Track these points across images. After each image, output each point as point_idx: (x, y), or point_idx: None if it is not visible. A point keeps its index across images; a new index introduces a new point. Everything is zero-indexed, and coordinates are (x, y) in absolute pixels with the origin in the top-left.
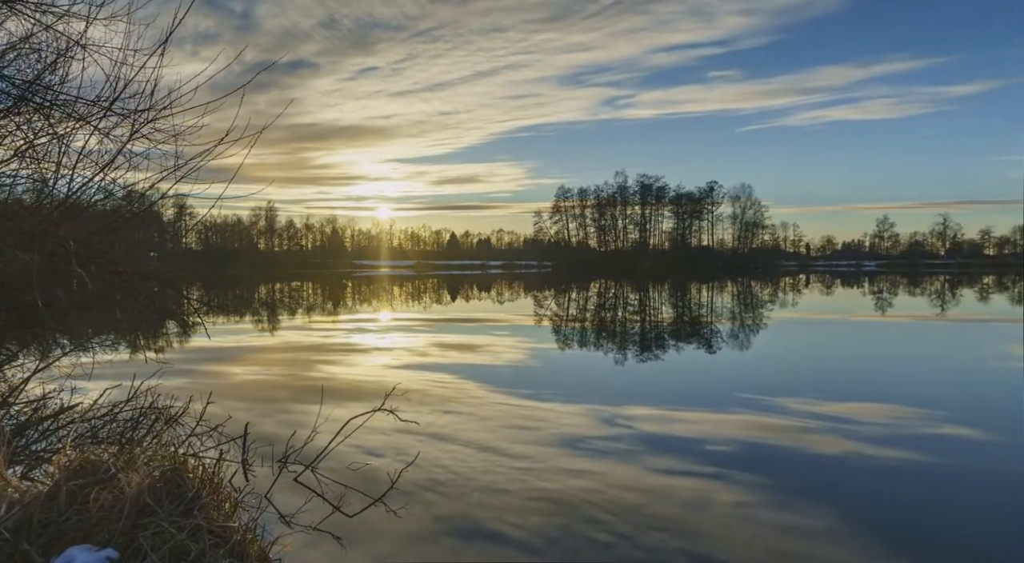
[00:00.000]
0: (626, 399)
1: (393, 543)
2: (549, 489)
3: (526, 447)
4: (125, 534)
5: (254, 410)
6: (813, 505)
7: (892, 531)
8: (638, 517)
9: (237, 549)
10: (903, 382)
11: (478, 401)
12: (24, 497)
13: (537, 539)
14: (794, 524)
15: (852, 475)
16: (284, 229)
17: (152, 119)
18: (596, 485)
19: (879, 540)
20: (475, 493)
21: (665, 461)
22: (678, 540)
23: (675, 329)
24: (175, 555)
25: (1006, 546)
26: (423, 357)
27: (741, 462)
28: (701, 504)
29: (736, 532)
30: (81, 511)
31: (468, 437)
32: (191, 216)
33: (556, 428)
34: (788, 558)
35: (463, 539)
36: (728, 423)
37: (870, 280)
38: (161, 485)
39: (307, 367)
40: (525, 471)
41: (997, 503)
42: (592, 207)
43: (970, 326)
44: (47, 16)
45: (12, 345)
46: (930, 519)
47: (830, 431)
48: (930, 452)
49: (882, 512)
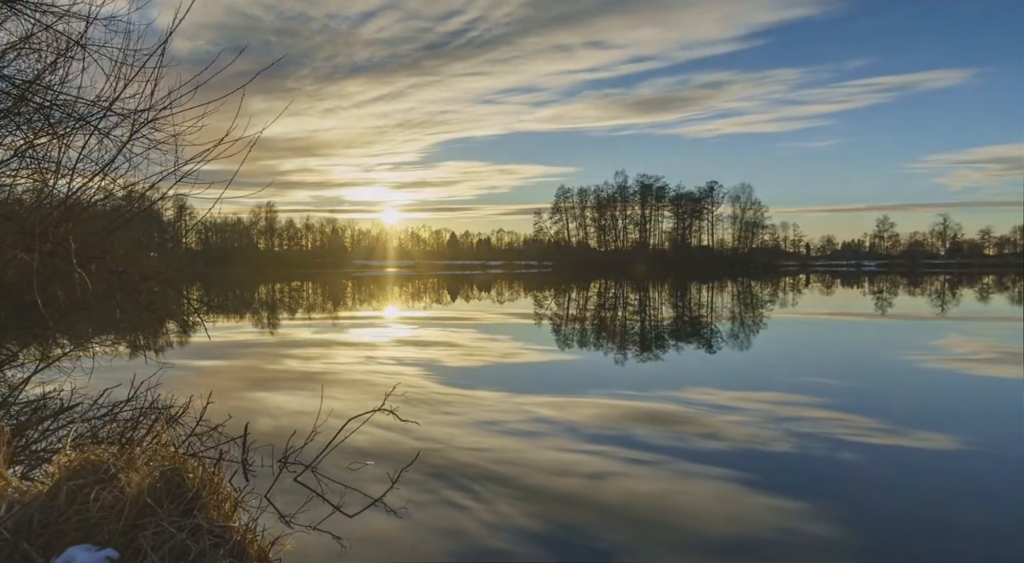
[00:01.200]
0: (624, 395)
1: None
2: (546, 487)
3: (527, 447)
4: (125, 534)
5: (254, 410)
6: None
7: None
8: (655, 515)
9: (237, 549)
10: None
11: (478, 401)
12: (24, 497)
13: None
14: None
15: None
16: (284, 229)
17: (152, 119)
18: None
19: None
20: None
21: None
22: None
23: (674, 329)
24: (175, 555)
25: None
26: (424, 357)
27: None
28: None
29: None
30: (81, 511)
31: (469, 436)
32: (191, 216)
33: (557, 427)
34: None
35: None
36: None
37: (870, 280)
38: (161, 485)
39: (307, 367)
40: (524, 469)
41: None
42: (592, 207)
43: (975, 325)
44: (47, 16)
45: (12, 345)
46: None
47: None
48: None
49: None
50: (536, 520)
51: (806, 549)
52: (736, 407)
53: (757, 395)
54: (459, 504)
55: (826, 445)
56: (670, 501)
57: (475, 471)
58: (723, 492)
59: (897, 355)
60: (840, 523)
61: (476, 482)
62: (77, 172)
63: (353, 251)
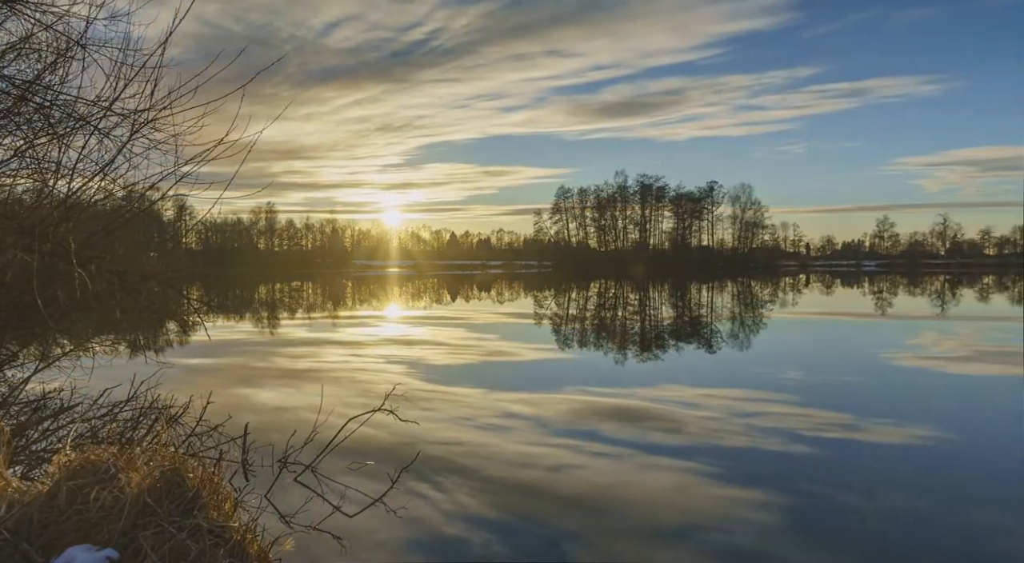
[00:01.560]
0: (623, 394)
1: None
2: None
3: (526, 446)
4: (125, 534)
5: (254, 410)
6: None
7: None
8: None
9: (237, 549)
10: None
11: (479, 401)
12: (24, 497)
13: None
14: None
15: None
16: (284, 229)
17: (152, 119)
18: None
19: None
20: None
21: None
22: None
23: (675, 329)
24: (175, 555)
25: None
26: (424, 357)
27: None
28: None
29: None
30: (81, 511)
31: (469, 437)
32: (191, 216)
33: (554, 427)
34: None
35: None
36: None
37: (870, 280)
38: (161, 485)
39: (307, 366)
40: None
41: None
42: (592, 207)
43: (979, 324)
44: (47, 16)
45: (12, 345)
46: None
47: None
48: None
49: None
50: (493, 509)
51: (745, 534)
52: (703, 404)
53: (727, 392)
54: (423, 494)
55: (782, 439)
56: (624, 492)
57: (442, 464)
58: (677, 482)
59: (880, 355)
60: (782, 511)
61: (440, 473)
62: (77, 172)
63: (353, 251)
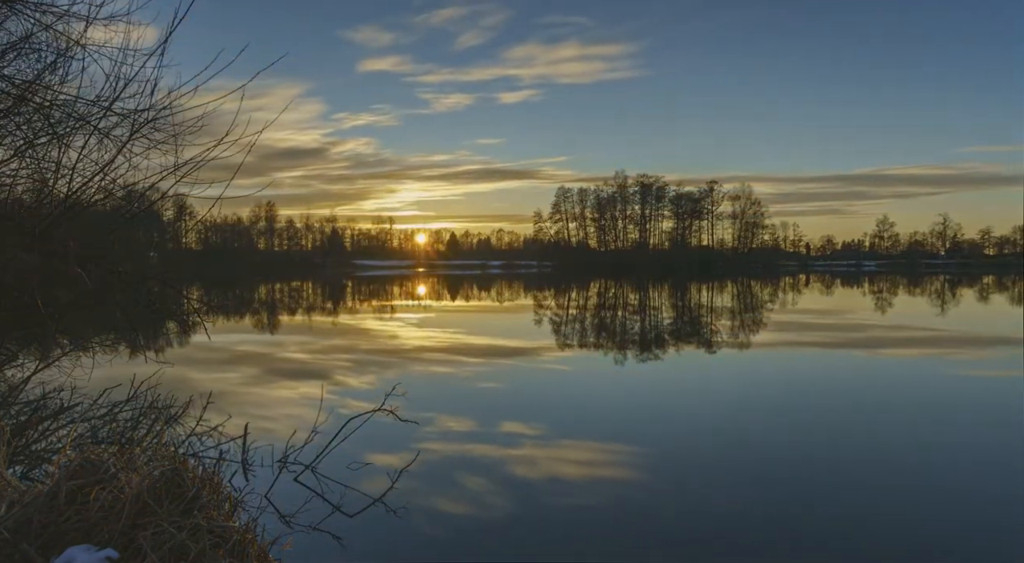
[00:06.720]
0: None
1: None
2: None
3: (528, 446)
4: (125, 534)
5: (254, 410)
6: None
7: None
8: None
9: (237, 549)
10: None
11: (479, 401)
12: (24, 497)
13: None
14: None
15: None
16: (284, 229)
17: (152, 119)
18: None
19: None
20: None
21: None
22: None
23: (675, 329)
24: (175, 555)
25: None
26: (424, 357)
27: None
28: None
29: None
30: (81, 511)
31: (469, 437)
32: (191, 216)
33: (553, 426)
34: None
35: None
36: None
37: (870, 280)
38: (161, 485)
39: (307, 366)
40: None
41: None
42: (592, 207)
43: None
44: (47, 16)
45: (12, 345)
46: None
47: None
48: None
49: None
50: (493, 509)
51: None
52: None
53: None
54: (423, 494)
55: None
56: (620, 491)
57: (442, 465)
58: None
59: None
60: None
61: (440, 473)
62: (77, 172)
63: (353, 251)
